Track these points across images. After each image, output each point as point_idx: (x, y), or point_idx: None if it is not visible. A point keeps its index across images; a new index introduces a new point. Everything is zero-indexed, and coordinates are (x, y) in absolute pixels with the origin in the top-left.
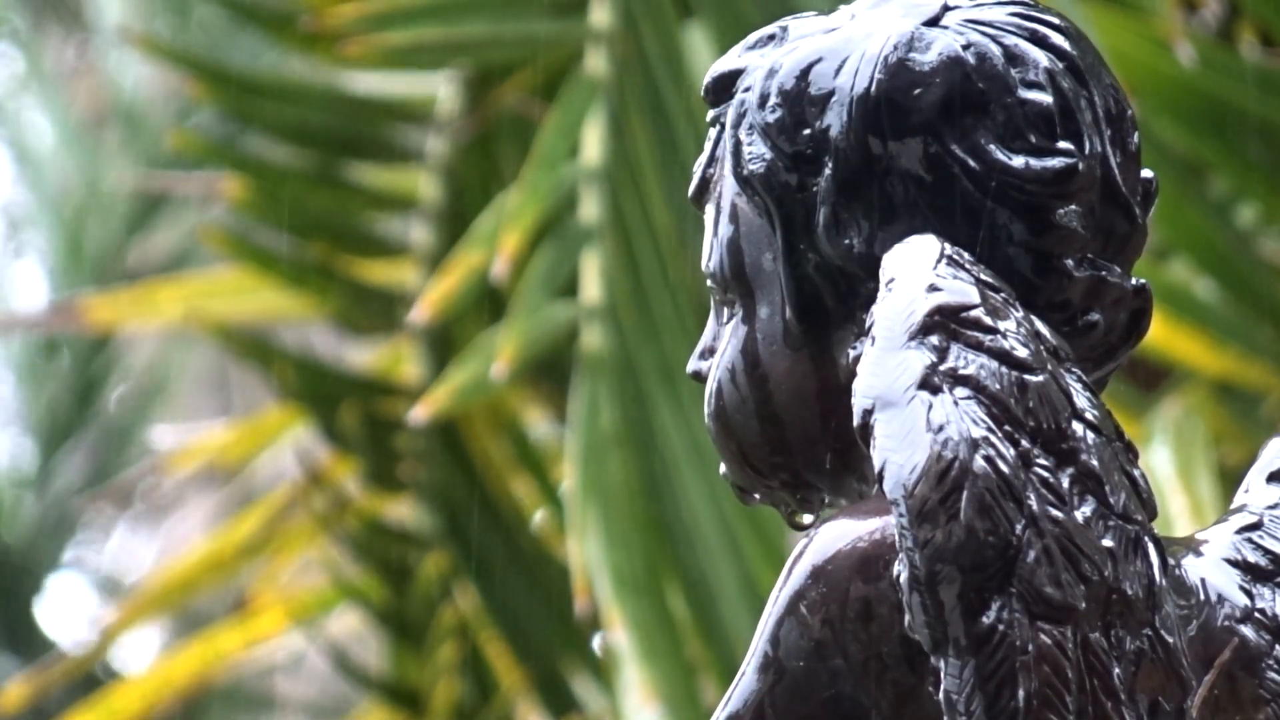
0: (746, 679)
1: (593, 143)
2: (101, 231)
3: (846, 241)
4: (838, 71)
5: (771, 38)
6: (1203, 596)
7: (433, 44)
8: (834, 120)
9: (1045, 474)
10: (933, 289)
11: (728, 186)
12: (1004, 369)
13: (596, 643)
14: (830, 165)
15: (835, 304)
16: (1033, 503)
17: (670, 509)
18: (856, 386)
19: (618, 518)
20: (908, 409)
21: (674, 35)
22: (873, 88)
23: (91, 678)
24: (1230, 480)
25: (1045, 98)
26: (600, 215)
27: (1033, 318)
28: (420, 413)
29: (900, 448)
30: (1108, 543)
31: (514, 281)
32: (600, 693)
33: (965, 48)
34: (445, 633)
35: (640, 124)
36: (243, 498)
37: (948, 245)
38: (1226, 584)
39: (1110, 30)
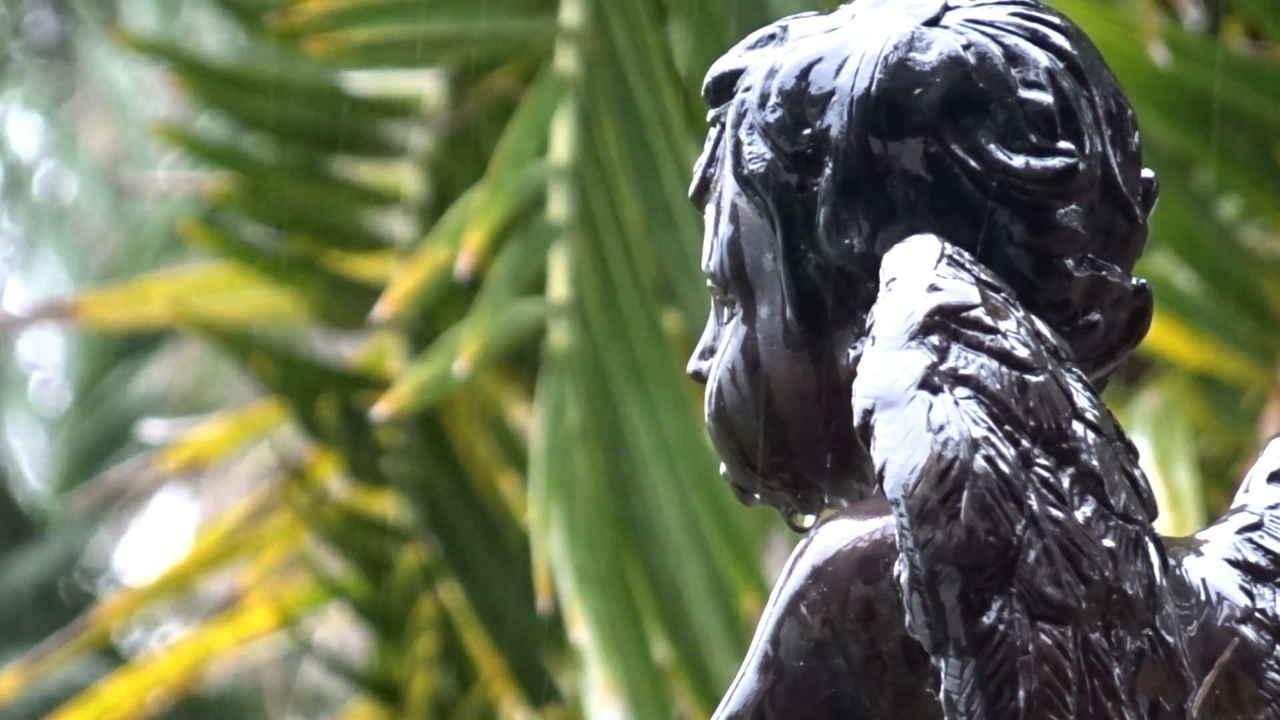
0: (747, 679)
1: (562, 140)
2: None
3: (846, 241)
4: (838, 71)
5: (772, 37)
6: (1203, 596)
7: (399, 41)
8: (834, 120)
9: (1045, 474)
10: (933, 289)
11: (728, 186)
12: (1004, 369)
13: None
14: (830, 165)
15: (835, 304)
16: (1033, 503)
17: (637, 507)
18: (857, 386)
19: (582, 515)
20: (908, 409)
21: (644, 33)
22: (873, 88)
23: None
24: (1209, 472)
25: (1046, 97)
26: (569, 213)
27: (1033, 318)
28: (383, 409)
29: (900, 448)
30: (1108, 543)
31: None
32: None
33: (966, 47)
34: (424, 625)
35: (610, 122)
36: (231, 493)
37: (948, 245)
38: (1227, 584)
39: (1093, 24)
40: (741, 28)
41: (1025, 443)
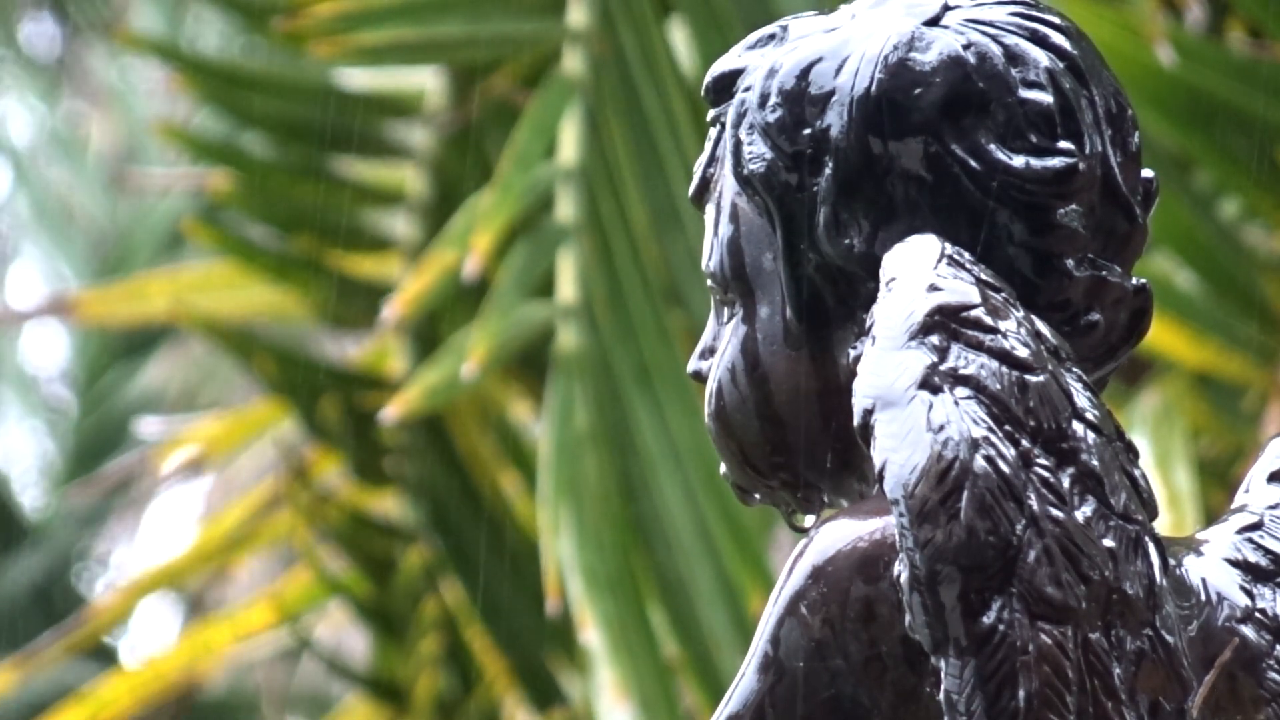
0: (747, 679)
1: (569, 142)
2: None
3: (847, 241)
4: (838, 71)
5: (772, 37)
6: (1203, 596)
7: (407, 44)
8: (834, 120)
9: (1046, 474)
10: (933, 289)
11: (728, 186)
12: (1004, 369)
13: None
14: (830, 165)
15: (835, 304)
16: (1033, 503)
17: (646, 509)
18: (857, 386)
19: (591, 517)
20: (908, 409)
21: (651, 34)
22: (873, 87)
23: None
24: (1209, 472)
25: (1046, 97)
26: (576, 214)
27: (1033, 317)
28: (392, 411)
29: (901, 447)
30: (1108, 543)
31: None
32: (584, 685)
33: (966, 47)
34: (427, 626)
35: (617, 123)
36: (232, 490)
37: (948, 245)
38: (1227, 584)
39: (1094, 24)
40: (747, 28)
41: (1025, 443)
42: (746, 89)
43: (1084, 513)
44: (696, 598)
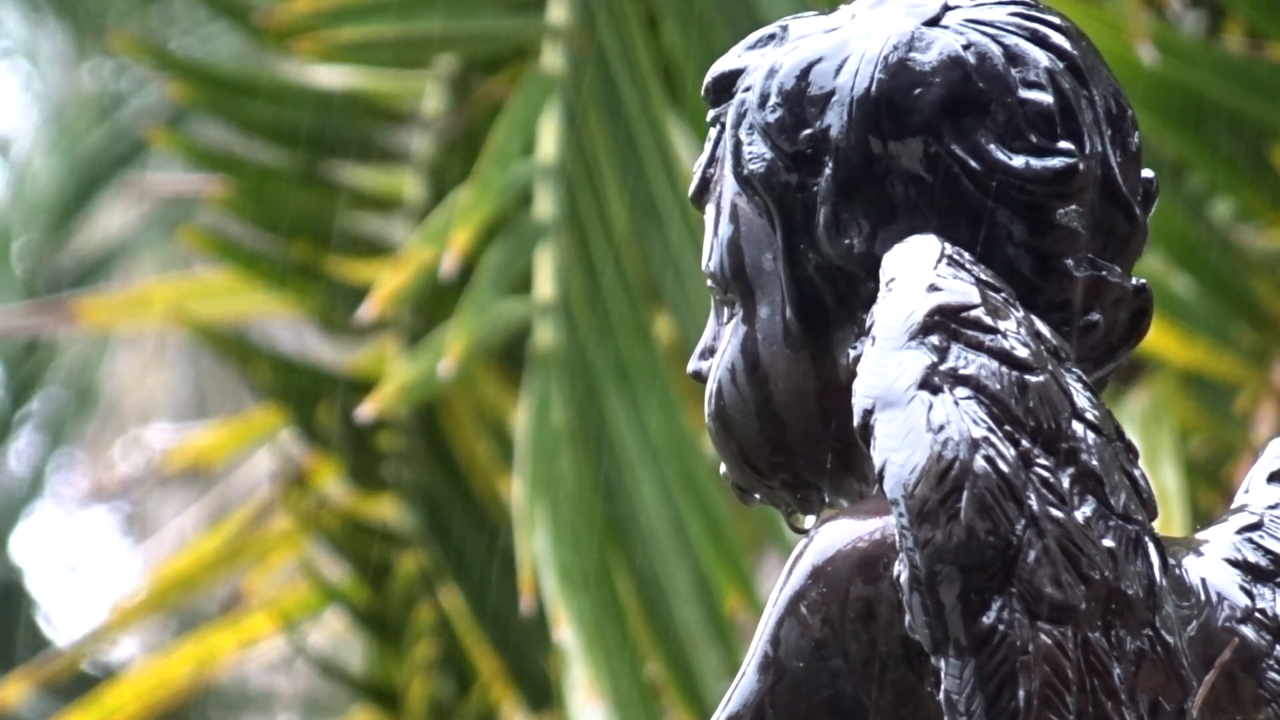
0: (747, 679)
1: (549, 139)
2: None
3: (846, 241)
4: (838, 71)
5: (772, 37)
6: (1203, 596)
7: (387, 40)
8: (834, 120)
9: (1045, 474)
10: (933, 289)
11: (728, 186)
12: (1004, 369)
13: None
14: (830, 165)
15: (835, 304)
16: (1033, 503)
17: (622, 507)
18: (857, 386)
19: (567, 514)
20: (908, 409)
21: (631, 32)
22: (873, 87)
23: (85, 678)
24: (1200, 472)
25: (1046, 97)
26: (555, 212)
27: (1033, 318)
28: (369, 409)
29: (901, 448)
30: (1108, 543)
31: None
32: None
33: (966, 47)
34: (422, 630)
35: (597, 120)
36: (232, 498)
37: (948, 245)
38: (1227, 584)
39: (1087, 25)
40: (729, 27)
41: (1025, 443)
42: (746, 89)
43: (1084, 513)
44: (672, 595)
